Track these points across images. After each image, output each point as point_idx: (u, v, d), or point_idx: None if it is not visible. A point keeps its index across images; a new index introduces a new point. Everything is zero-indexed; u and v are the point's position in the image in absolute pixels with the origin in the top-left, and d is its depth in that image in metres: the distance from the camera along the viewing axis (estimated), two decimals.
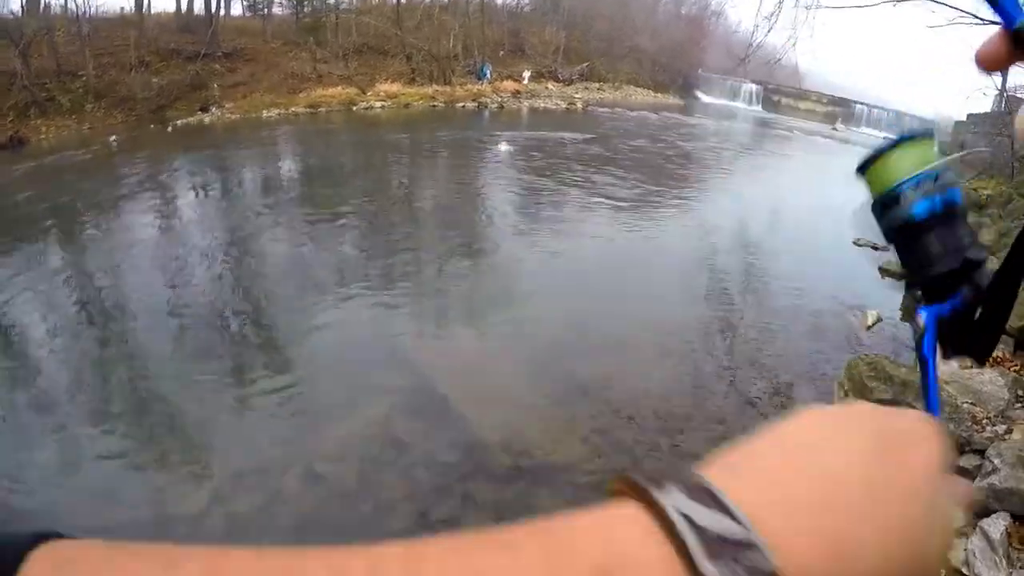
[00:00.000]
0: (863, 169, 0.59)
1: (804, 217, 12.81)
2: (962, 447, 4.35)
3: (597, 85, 35.20)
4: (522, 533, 0.28)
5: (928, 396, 0.53)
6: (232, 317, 7.08)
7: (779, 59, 11.89)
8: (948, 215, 0.54)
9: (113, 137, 17.66)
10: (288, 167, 15.31)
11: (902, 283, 2.23)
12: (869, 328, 7.37)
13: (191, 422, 5.15)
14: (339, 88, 24.42)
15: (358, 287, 7.71)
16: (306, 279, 8.02)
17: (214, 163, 14.95)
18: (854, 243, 10.86)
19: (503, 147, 17.61)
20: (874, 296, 8.50)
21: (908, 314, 5.04)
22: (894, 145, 0.56)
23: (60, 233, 10.18)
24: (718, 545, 0.27)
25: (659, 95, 37.04)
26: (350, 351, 6.26)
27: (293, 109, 22.18)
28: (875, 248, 10.25)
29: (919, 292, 0.56)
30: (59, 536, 0.26)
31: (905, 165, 0.56)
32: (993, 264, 0.52)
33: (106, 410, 5.36)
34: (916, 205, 0.54)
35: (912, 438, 0.36)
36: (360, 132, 19.53)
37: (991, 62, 0.44)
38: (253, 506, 4.23)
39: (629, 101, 33.84)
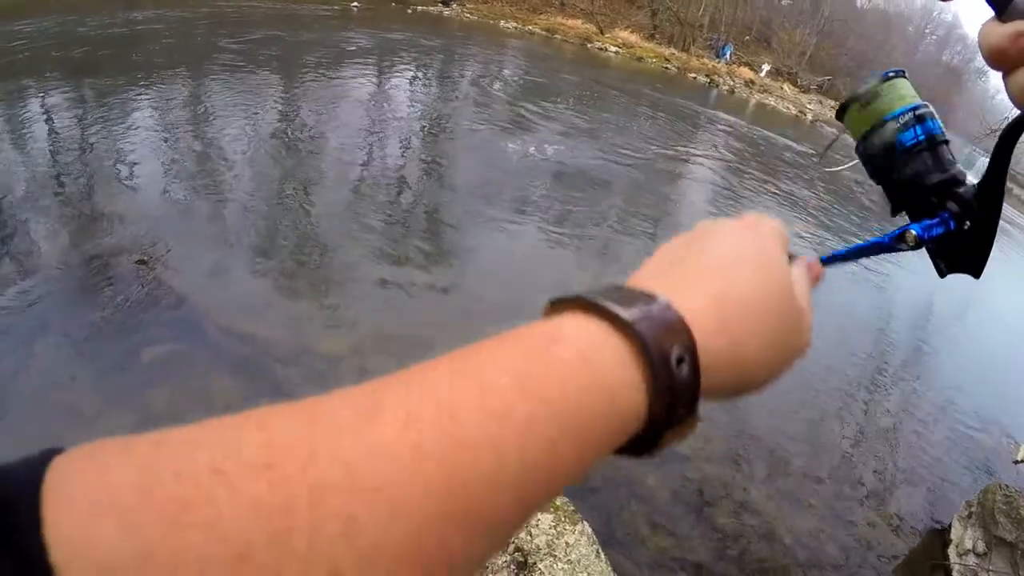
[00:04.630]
0: (842, 112, 0.64)
1: (1001, 327, 11.54)
2: None
3: (832, 103, 33.24)
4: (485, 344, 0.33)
5: (849, 249, 0.59)
6: (409, 197, 7.18)
7: None
8: (930, 143, 0.59)
9: (355, 3, 18.51)
10: (509, 77, 15.34)
11: None
12: (1017, 463, 6.54)
13: (342, 279, 5.31)
14: (579, 21, 24.18)
15: (539, 215, 7.57)
16: (492, 188, 7.98)
17: (441, 53, 15.25)
18: None
19: (722, 131, 16.83)
20: None
21: None
22: (873, 86, 0.61)
23: (282, 74, 10.70)
24: (628, 300, 0.35)
25: None
26: (513, 270, 6.22)
27: (529, 28, 22.17)
28: None
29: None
30: None
31: (886, 103, 0.61)
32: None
33: (272, 236, 5.66)
34: (901, 135, 0.59)
35: (754, 224, 0.48)
36: (587, 70, 19.26)
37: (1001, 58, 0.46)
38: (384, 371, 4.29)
39: None
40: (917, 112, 0.60)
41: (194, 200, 5.94)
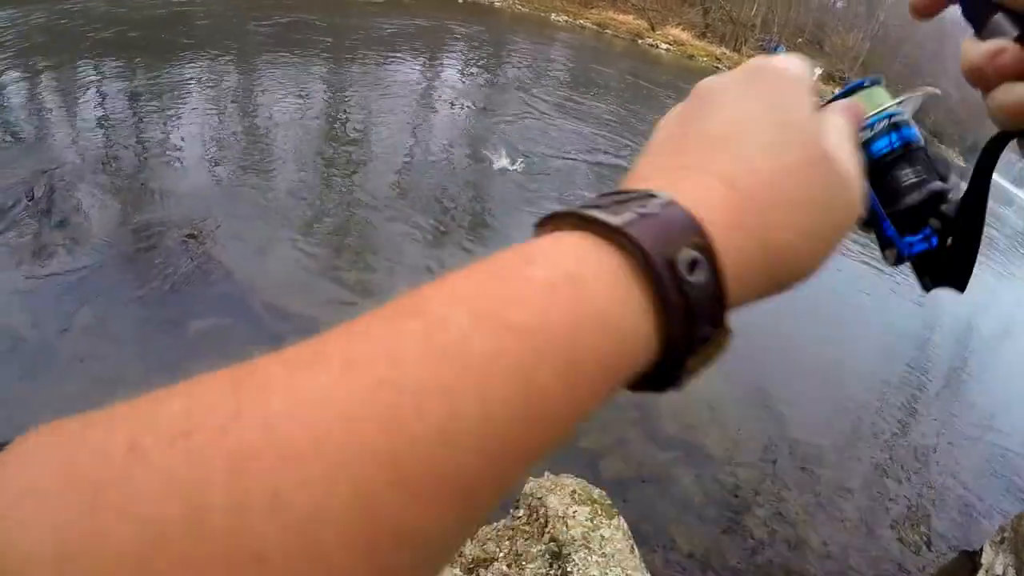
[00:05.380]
0: None
1: None
2: None
3: None
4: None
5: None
6: (453, 185, 7.17)
7: None
8: (907, 151, 0.55)
9: None
10: (557, 71, 15.29)
11: None
12: None
13: (386, 264, 5.35)
14: (630, 17, 24.01)
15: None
16: (534, 181, 7.94)
17: (490, 44, 15.23)
18: None
19: None
20: None
21: None
22: (843, 95, 0.56)
23: (330, 58, 10.79)
24: (619, 205, 0.29)
25: (941, 147, 33.97)
26: None
27: (580, 21, 22.06)
28: None
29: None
30: None
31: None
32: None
33: (318, 218, 5.72)
34: (873, 144, 0.54)
35: (763, 74, 0.39)
36: (637, 67, 19.08)
37: (923, 7, 0.45)
38: None
39: None
40: (893, 119, 0.56)
41: (242, 179, 6.01)
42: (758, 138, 0.34)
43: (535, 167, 8.18)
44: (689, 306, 0.28)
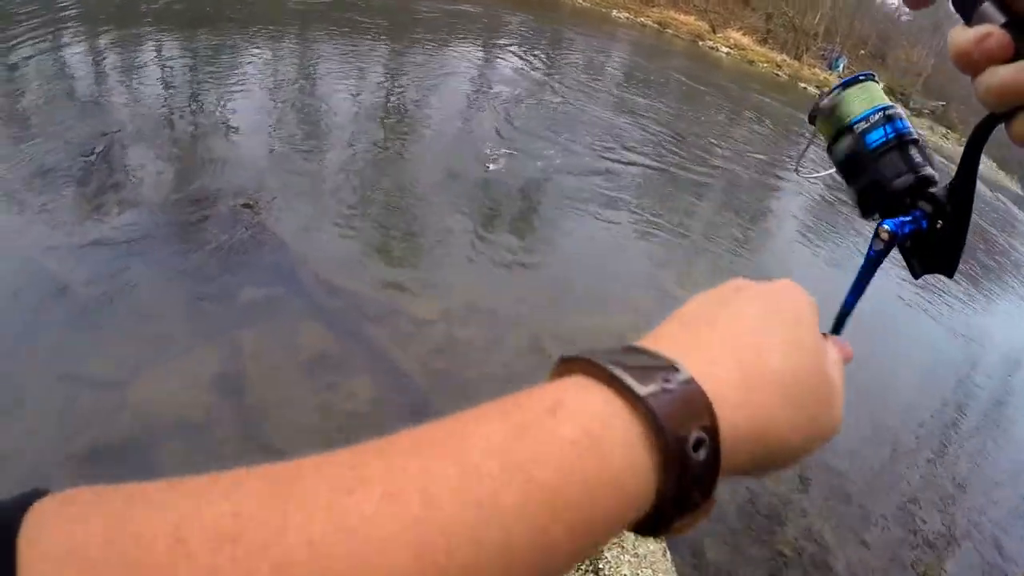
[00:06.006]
0: (813, 117, 0.66)
1: None
2: None
3: (944, 130, 31.82)
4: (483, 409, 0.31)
5: (851, 294, 0.60)
6: (504, 173, 7.17)
7: None
8: (900, 142, 0.59)
9: None
10: (615, 67, 15.21)
11: None
12: None
13: (436, 246, 5.38)
14: (691, 18, 23.76)
15: (629, 210, 7.44)
16: (585, 177, 7.87)
17: (550, 36, 15.22)
18: None
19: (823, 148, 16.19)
20: None
21: None
22: (840, 89, 0.62)
23: (388, 41, 10.87)
24: (646, 372, 0.32)
25: (1001, 172, 33.06)
26: (602, 259, 6.16)
27: (641, 19, 21.88)
28: None
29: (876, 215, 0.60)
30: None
31: (854, 105, 0.62)
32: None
33: (371, 197, 5.79)
34: (868, 135, 0.59)
35: (791, 294, 0.44)
36: (697, 69, 18.86)
37: None
38: (472, 345, 4.31)
39: None
40: (887, 112, 0.61)
41: (298, 154, 6.10)
42: (777, 344, 0.39)
43: (584, 165, 8.15)
44: (688, 478, 0.31)
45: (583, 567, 2.37)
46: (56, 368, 3.30)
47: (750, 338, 0.38)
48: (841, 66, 27.15)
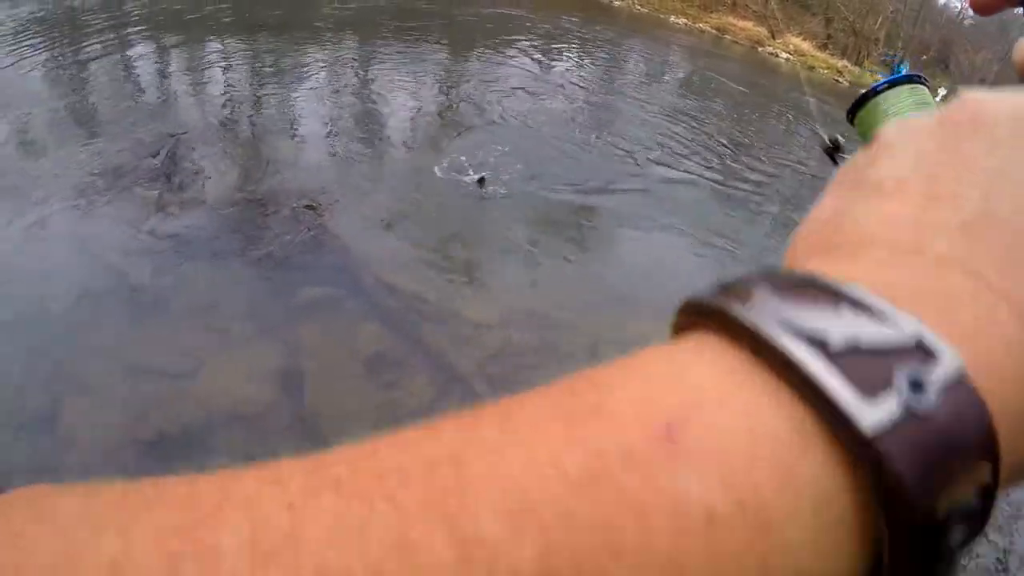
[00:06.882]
0: (852, 113, 0.57)
1: None
2: None
3: None
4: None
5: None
6: (565, 180, 7.10)
7: None
8: None
9: None
10: (672, 73, 15.10)
11: None
12: None
13: (496, 252, 5.39)
14: (750, 23, 23.38)
15: (690, 222, 7.27)
16: (643, 189, 7.72)
17: (606, 42, 15.11)
18: None
19: None
20: None
21: None
22: (884, 87, 0.54)
23: (445, 46, 10.95)
24: (869, 364, 0.15)
25: None
26: (665, 272, 6.00)
27: (700, 25, 21.62)
28: None
29: None
30: None
31: (896, 105, 0.54)
32: None
33: (432, 201, 5.81)
34: None
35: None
36: (755, 75, 18.62)
37: (984, 4, 0.37)
38: (529, 349, 4.24)
39: None
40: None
41: (359, 158, 6.22)
42: None
43: (642, 174, 8.05)
44: (934, 560, 0.16)
45: None
46: (123, 358, 3.42)
47: (1014, 239, 0.19)
48: (903, 72, 26.54)
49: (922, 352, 0.16)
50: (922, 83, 0.56)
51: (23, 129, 5.43)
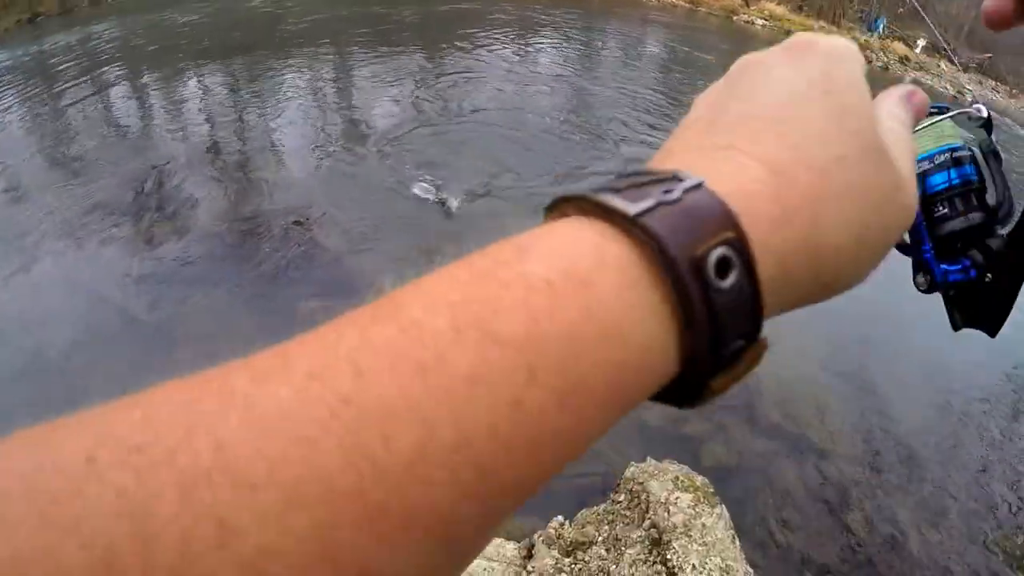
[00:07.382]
0: None
1: None
2: None
3: (993, 83, 30.67)
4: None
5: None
6: (561, 173, 7.16)
7: None
8: (964, 188, 0.53)
9: None
10: (651, 52, 15.18)
11: None
12: None
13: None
14: None
15: None
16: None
17: (580, 25, 15.11)
18: None
19: None
20: None
21: None
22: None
23: (419, 45, 11.04)
24: (641, 189, 0.24)
25: None
26: None
27: (672, 0, 21.55)
28: None
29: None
30: None
31: (922, 141, 0.55)
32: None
33: (422, 208, 5.85)
34: (931, 178, 0.54)
35: (827, 47, 0.32)
36: (733, 45, 18.53)
37: (997, 20, 0.41)
38: None
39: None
40: (955, 154, 0.55)
41: (344, 170, 6.22)
42: (809, 123, 0.29)
43: (637, 156, 8.06)
44: (716, 317, 0.23)
45: (650, 557, 2.35)
46: (128, 386, 3.43)
47: (774, 126, 0.29)
48: (881, 26, 26.39)
49: (676, 179, 0.24)
50: (948, 115, 0.57)
51: (7, 179, 5.46)
